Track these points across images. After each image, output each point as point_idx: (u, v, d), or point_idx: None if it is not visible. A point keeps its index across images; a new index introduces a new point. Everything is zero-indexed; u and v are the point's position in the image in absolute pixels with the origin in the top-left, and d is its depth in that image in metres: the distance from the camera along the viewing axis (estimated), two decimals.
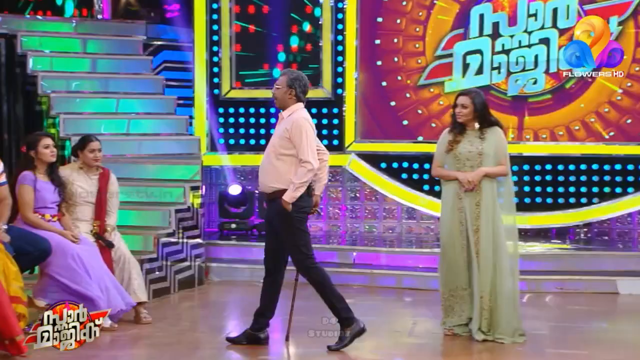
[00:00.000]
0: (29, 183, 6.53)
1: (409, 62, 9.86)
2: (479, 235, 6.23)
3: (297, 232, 5.99)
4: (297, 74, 6.10)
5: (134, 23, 10.38)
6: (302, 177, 5.89)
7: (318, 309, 7.51)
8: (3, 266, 5.79)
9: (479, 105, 6.27)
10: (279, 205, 5.91)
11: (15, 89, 9.30)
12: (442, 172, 6.42)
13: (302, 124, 5.93)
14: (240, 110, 10.16)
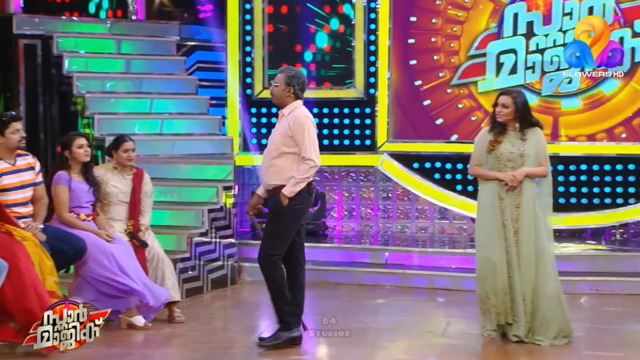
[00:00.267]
0: (63, 183, 6.59)
1: (442, 62, 9.81)
2: (519, 238, 6.14)
3: (281, 228, 5.97)
4: (295, 71, 6.10)
5: (168, 24, 10.44)
6: (304, 173, 5.89)
7: (350, 309, 7.53)
8: (39, 260, 5.86)
9: (521, 105, 6.20)
10: (277, 199, 5.91)
11: (51, 90, 9.40)
12: (481, 171, 6.30)
13: (305, 122, 5.93)
14: (272, 110, 10.16)
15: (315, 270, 8.72)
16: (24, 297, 5.62)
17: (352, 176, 10.08)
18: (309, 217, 9.81)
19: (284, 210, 5.91)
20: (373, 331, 6.80)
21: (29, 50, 9.37)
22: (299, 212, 6.00)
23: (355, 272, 8.66)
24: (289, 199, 5.89)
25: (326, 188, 10.04)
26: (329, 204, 10.00)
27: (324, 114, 10.06)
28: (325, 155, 10.00)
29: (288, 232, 5.99)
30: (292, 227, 5.99)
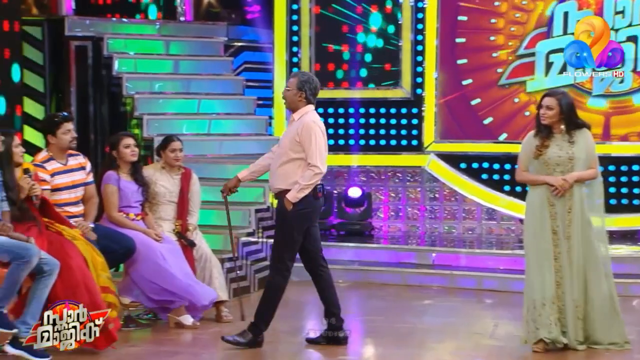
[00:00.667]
0: (113, 183, 6.66)
1: (490, 61, 9.73)
2: (571, 243, 5.95)
3: (287, 236, 5.98)
4: (307, 76, 6.09)
5: (216, 25, 10.52)
6: (308, 179, 5.88)
7: (396, 309, 7.50)
8: (91, 258, 5.93)
9: (566, 106, 5.98)
10: (282, 203, 5.93)
11: (101, 91, 9.53)
12: (528, 177, 6.09)
13: (312, 128, 5.90)
14: (318, 111, 10.06)
15: (361, 270, 8.74)
16: (75, 294, 5.68)
17: (399, 176, 10.04)
18: (355, 218, 9.82)
19: (289, 215, 5.92)
20: (420, 332, 6.77)
21: (80, 51, 9.50)
22: (304, 216, 5.98)
23: (402, 272, 8.63)
24: (294, 204, 5.89)
25: (372, 188, 10.02)
26: (375, 204, 9.98)
27: (370, 114, 10.04)
28: (371, 155, 10.06)
29: (296, 237, 5.98)
30: (298, 231, 5.98)
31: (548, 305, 5.95)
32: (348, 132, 10.07)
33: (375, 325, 6.92)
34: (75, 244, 5.88)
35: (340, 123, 10.13)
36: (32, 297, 5.60)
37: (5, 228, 5.50)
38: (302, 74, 6.14)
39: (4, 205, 5.67)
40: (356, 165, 10.07)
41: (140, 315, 6.87)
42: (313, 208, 6.02)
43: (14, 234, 5.56)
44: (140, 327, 6.62)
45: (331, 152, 9.98)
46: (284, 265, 6.01)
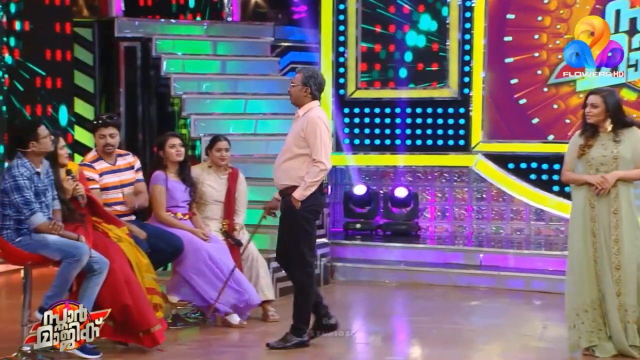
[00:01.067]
0: (160, 183, 6.71)
1: (540, 59, 9.62)
2: (620, 246, 5.77)
3: (301, 232, 5.92)
4: (312, 71, 6.07)
5: (262, 25, 10.57)
6: (314, 176, 5.84)
7: (443, 310, 7.46)
8: (135, 259, 5.97)
9: (612, 105, 5.83)
10: (289, 202, 5.88)
11: (149, 91, 9.62)
12: (571, 176, 5.95)
13: (317, 123, 5.87)
14: (365, 111, 10.18)
15: (407, 270, 8.71)
16: (118, 296, 5.73)
17: (446, 176, 9.98)
18: (402, 218, 9.78)
19: (298, 213, 5.88)
20: (467, 333, 6.73)
21: (129, 52, 9.62)
22: (313, 212, 5.98)
23: (449, 273, 8.58)
24: (302, 202, 5.86)
25: (419, 188, 9.97)
26: (421, 204, 9.94)
27: (417, 114, 10.00)
28: (418, 155, 10.01)
29: (307, 232, 5.96)
30: (311, 225, 5.97)
31: (590, 311, 5.81)
32: (394, 132, 10.04)
33: (422, 326, 6.89)
34: (120, 245, 5.93)
35: (387, 123, 10.10)
36: (83, 295, 5.67)
37: (56, 227, 5.57)
38: (306, 69, 6.11)
39: (55, 204, 5.75)
40: (402, 165, 10.04)
41: (188, 314, 6.91)
42: (320, 203, 6.02)
43: (65, 232, 5.63)
44: (188, 326, 6.67)
45: (377, 152, 10.09)
46: (305, 261, 5.98)
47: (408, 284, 8.52)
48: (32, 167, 5.59)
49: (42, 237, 5.56)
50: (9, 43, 9.25)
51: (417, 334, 6.76)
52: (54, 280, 5.61)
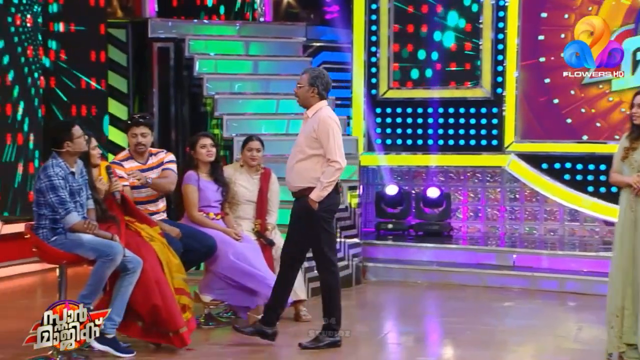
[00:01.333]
0: (192, 183, 6.72)
1: None
2: None
3: (321, 232, 5.90)
4: (318, 71, 6.04)
5: (295, 25, 10.58)
6: (330, 176, 5.82)
7: (476, 311, 7.41)
8: (166, 259, 5.98)
9: None
10: (305, 203, 5.85)
11: (182, 91, 9.68)
12: (616, 177, 5.80)
13: (329, 123, 5.84)
14: (397, 111, 10.16)
15: (439, 271, 8.67)
16: (148, 296, 5.75)
17: (478, 177, 9.93)
18: (434, 218, 9.74)
19: (317, 214, 5.86)
20: (500, 334, 6.68)
21: (162, 53, 9.68)
22: (331, 212, 5.97)
23: (481, 273, 8.53)
24: (320, 202, 5.85)
25: (451, 189, 9.93)
26: (454, 204, 9.90)
27: (449, 114, 9.96)
28: (450, 155, 9.97)
29: (328, 232, 5.95)
30: (328, 226, 5.96)
31: (621, 316, 5.68)
32: (427, 132, 10.01)
33: (454, 327, 6.85)
34: (152, 245, 5.95)
35: (419, 123, 10.08)
36: (117, 294, 5.70)
37: (91, 226, 5.61)
38: (312, 69, 6.10)
39: (89, 204, 5.79)
40: (435, 166, 10.01)
41: (220, 314, 6.94)
42: (336, 203, 6.02)
43: (100, 232, 5.67)
44: (220, 325, 6.68)
45: (409, 152, 10.07)
46: (328, 261, 5.97)
47: (440, 284, 8.48)
48: (66, 166, 5.64)
49: (76, 237, 5.60)
50: (47, 45, 9.36)
51: (450, 334, 6.72)
52: (88, 279, 5.65)
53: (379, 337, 6.53)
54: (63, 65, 9.51)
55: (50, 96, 9.35)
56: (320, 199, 5.83)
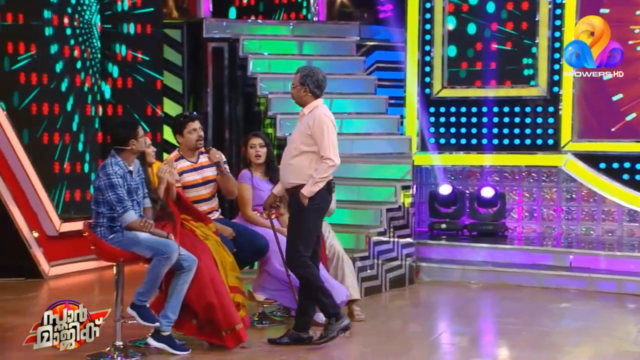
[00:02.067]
0: (246, 181, 6.75)
1: (636, 54, 9.33)
2: None
3: (302, 228, 5.90)
4: (308, 70, 6.05)
5: (348, 24, 10.57)
6: (323, 172, 5.84)
7: (532, 312, 7.32)
8: (220, 257, 6.02)
9: None
10: (298, 199, 5.87)
11: (236, 91, 9.74)
12: None
13: (324, 121, 5.88)
14: (451, 110, 10.08)
15: (494, 271, 8.59)
16: (203, 294, 5.79)
17: (534, 176, 9.81)
18: (488, 218, 9.65)
19: (305, 210, 5.86)
20: (557, 335, 6.59)
21: (216, 53, 9.76)
22: (320, 211, 5.97)
23: (537, 274, 8.42)
24: (310, 199, 5.85)
25: (506, 188, 9.83)
26: (508, 204, 9.79)
27: (504, 113, 9.87)
28: (505, 155, 9.87)
29: (311, 232, 5.95)
30: (315, 226, 5.96)
31: None
32: (481, 131, 9.93)
33: (510, 328, 6.78)
34: (207, 243, 5.99)
35: (473, 122, 9.99)
36: (172, 292, 5.76)
37: (147, 225, 5.67)
38: (303, 68, 6.11)
39: (146, 202, 5.85)
40: (489, 165, 9.91)
41: (274, 312, 6.96)
42: (327, 202, 6.02)
43: (156, 230, 5.72)
44: (273, 324, 6.70)
45: (463, 152, 9.98)
46: (302, 257, 5.94)
47: (495, 285, 8.40)
48: (125, 165, 5.71)
49: (133, 235, 5.66)
50: (116, 48, 9.54)
51: (505, 335, 6.65)
52: (144, 277, 5.71)
53: (432, 337, 6.49)
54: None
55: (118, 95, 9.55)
56: (311, 194, 5.87)
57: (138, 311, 5.67)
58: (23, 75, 8.77)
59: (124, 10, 9.66)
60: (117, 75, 9.66)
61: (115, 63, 9.63)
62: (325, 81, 6.08)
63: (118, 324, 5.69)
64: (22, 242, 8.25)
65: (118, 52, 9.65)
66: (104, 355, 5.63)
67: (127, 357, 5.64)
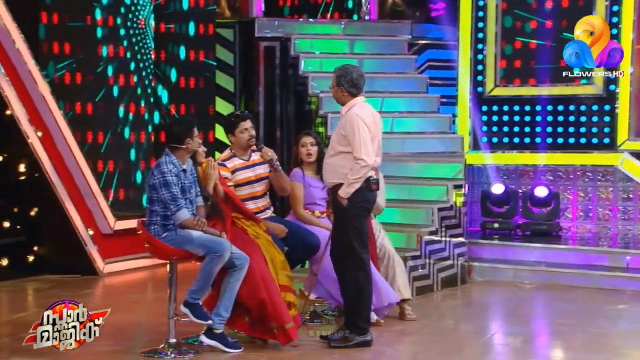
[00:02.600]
0: (298, 180, 6.75)
1: None
2: None
3: (350, 230, 5.86)
4: (343, 70, 6.00)
5: (400, 23, 10.53)
6: (356, 173, 5.80)
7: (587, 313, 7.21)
8: (271, 256, 6.04)
9: None
10: (337, 199, 5.87)
11: (288, 90, 9.77)
12: None
13: (356, 121, 5.83)
14: (504, 109, 9.97)
15: (548, 272, 8.48)
16: (255, 291, 5.82)
17: (589, 176, 9.66)
18: (542, 218, 9.53)
19: (347, 210, 5.84)
20: (614, 337, 6.49)
21: (268, 52, 9.80)
22: (363, 209, 5.93)
23: (593, 275, 8.29)
24: (349, 199, 5.83)
25: (560, 188, 9.69)
26: (563, 204, 9.66)
27: (559, 112, 9.73)
28: (559, 154, 9.73)
29: (359, 230, 5.91)
30: (358, 223, 5.91)
31: None
32: (535, 130, 9.81)
33: (564, 329, 6.69)
34: (258, 242, 6.02)
35: (527, 121, 9.87)
36: (225, 290, 5.79)
37: (200, 223, 5.71)
38: (338, 69, 6.06)
39: (199, 201, 5.90)
40: (543, 164, 9.78)
41: (325, 311, 6.96)
42: (369, 200, 5.99)
43: (208, 229, 5.77)
44: (325, 323, 6.70)
45: (516, 151, 9.87)
46: (358, 258, 5.92)
47: (549, 285, 8.29)
48: (179, 164, 5.76)
49: (187, 233, 5.71)
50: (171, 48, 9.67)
51: (560, 337, 6.56)
52: (198, 276, 5.75)
53: (485, 338, 6.44)
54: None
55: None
56: (347, 196, 5.85)
57: (191, 309, 5.72)
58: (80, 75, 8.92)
59: (177, 10, 9.77)
60: (170, 75, 9.76)
61: (168, 63, 9.73)
62: (362, 79, 6.03)
63: (172, 321, 5.75)
64: (78, 240, 8.39)
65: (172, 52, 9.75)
66: (158, 352, 5.70)
67: (181, 354, 5.70)
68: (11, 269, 8.26)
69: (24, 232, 8.41)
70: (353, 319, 5.96)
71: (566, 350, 6.20)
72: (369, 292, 5.99)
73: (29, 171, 8.35)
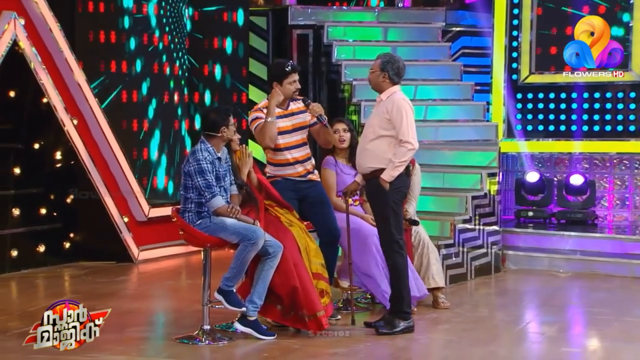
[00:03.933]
0: (330, 167, 6.74)
1: None
2: None
3: (390, 214, 5.90)
4: (389, 57, 6.06)
5: (434, 10, 10.47)
6: (402, 156, 5.83)
7: (623, 302, 7.13)
8: (305, 244, 6.04)
9: None
10: (377, 184, 5.86)
11: (321, 77, 9.77)
12: None
13: (403, 105, 5.91)
14: (539, 96, 9.89)
15: (583, 260, 8.42)
16: (287, 279, 5.83)
17: (626, 163, 9.56)
18: (577, 206, 9.44)
19: (387, 195, 5.86)
20: None
21: (301, 40, 9.80)
22: (401, 193, 5.96)
23: (630, 264, 8.21)
24: (391, 183, 5.84)
25: (596, 176, 9.59)
26: (599, 192, 9.57)
27: (595, 99, 9.63)
28: (595, 141, 9.63)
29: (396, 213, 5.93)
30: (398, 208, 5.95)
31: None
32: (570, 117, 9.71)
33: (600, 318, 6.62)
34: (291, 230, 6.02)
35: (562, 108, 9.78)
36: (258, 277, 5.81)
37: (234, 211, 5.73)
38: (384, 55, 6.13)
39: (233, 189, 5.92)
40: (578, 152, 9.69)
41: (358, 299, 6.96)
42: (407, 185, 6.06)
43: (242, 216, 5.79)
44: (358, 310, 6.70)
45: (551, 139, 9.78)
46: (396, 244, 5.95)
47: (584, 274, 8.23)
48: (214, 152, 5.78)
49: (220, 220, 5.74)
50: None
51: (595, 326, 6.51)
52: (231, 263, 5.78)
53: (520, 327, 6.40)
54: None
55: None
56: (391, 179, 5.88)
57: (225, 296, 5.75)
58: (114, 63, 8.98)
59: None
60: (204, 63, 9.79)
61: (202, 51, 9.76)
62: (404, 70, 6.12)
63: (205, 308, 5.78)
64: (113, 227, 8.47)
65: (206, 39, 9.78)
66: (192, 338, 5.74)
67: (215, 340, 5.73)
68: (47, 255, 8.36)
69: (60, 218, 8.51)
70: (398, 304, 6.00)
71: (602, 339, 6.15)
72: (407, 275, 6.03)
73: (64, 158, 8.44)
